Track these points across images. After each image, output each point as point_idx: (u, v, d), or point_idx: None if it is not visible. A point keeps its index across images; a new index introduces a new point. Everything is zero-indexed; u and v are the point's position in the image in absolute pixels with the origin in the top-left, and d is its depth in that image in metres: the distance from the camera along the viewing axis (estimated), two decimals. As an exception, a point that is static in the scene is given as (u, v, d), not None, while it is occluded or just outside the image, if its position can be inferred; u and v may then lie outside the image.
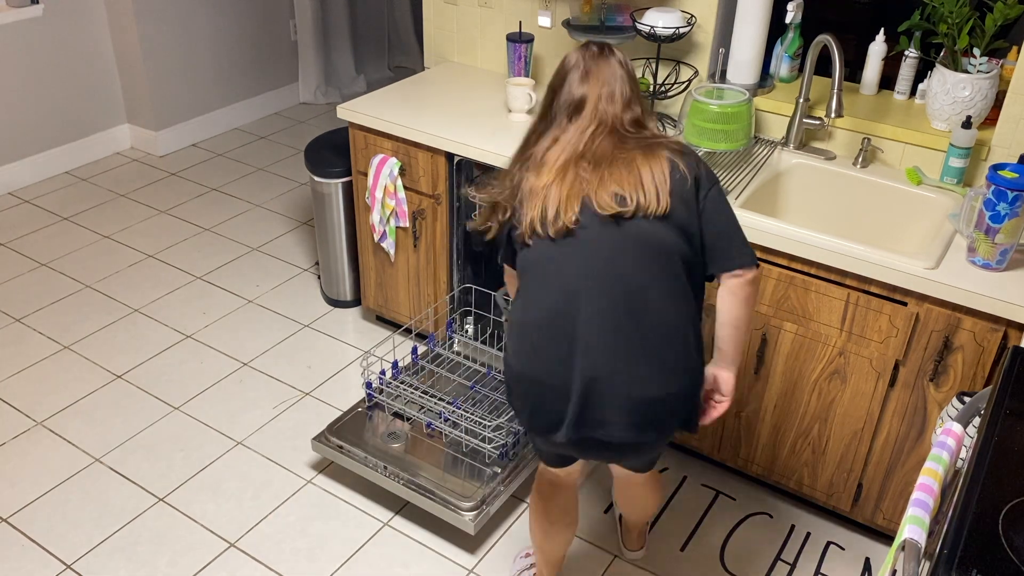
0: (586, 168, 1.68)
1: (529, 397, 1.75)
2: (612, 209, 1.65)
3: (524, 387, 1.75)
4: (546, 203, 1.69)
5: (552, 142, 1.73)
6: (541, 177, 1.70)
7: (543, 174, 1.70)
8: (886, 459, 2.29)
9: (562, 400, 1.70)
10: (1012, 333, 1.98)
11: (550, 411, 1.72)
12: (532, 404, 1.75)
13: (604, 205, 1.66)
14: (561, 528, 2.11)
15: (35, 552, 2.41)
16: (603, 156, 1.68)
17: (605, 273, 1.67)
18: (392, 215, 2.87)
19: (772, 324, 2.30)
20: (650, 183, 1.66)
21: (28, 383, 3.01)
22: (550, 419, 1.72)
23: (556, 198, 1.68)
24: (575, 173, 1.68)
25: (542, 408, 1.73)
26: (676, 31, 2.54)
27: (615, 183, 1.66)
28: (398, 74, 5.67)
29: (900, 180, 2.44)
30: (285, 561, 2.40)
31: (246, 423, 2.86)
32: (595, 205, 1.66)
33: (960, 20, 2.28)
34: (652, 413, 1.69)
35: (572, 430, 1.70)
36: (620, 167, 1.67)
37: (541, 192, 1.69)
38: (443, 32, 3.21)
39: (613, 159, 1.68)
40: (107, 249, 3.78)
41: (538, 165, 1.72)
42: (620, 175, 1.66)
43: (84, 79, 4.38)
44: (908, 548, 1.32)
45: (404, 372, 2.81)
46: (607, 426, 1.69)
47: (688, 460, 2.75)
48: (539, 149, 1.74)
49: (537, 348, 1.71)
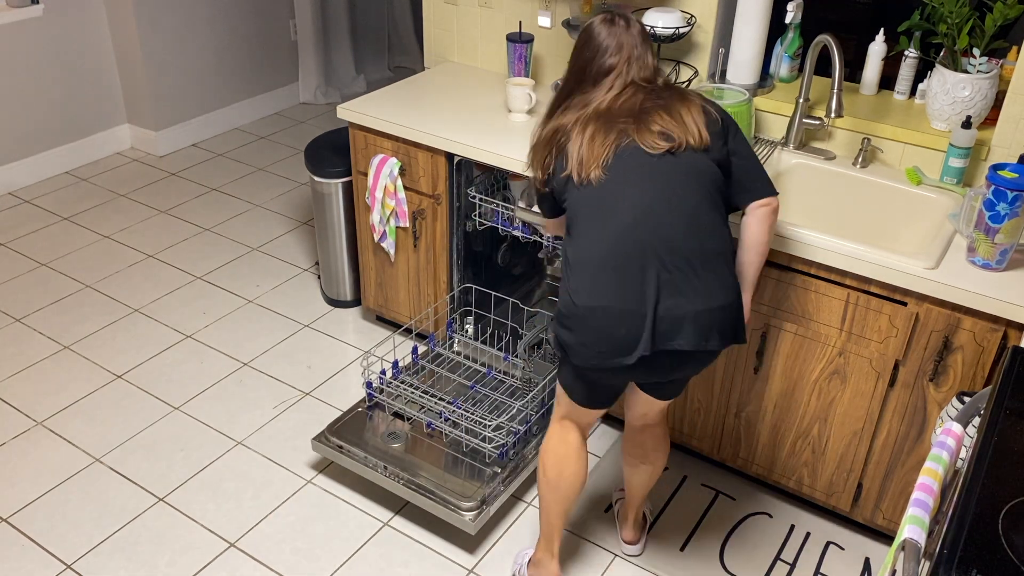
0: (625, 118, 1.85)
1: (601, 327, 1.83)
2: (661, 147, 1.82)
3: (596, 319, 1.83)
4: (587, 149, 1.84)
5: (583, 106, 1.89)
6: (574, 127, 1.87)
7: (579, 124, 1.87)
8: (886, 459, 2.29)
9: (638, 321, 1.80)
10: (1012, 333, 1.98)
11: (624, 336, 1.81)
12: (604, 334, 1.83)
13: (651, 145, 1.83)
14: (575, 469, 2.15)
15: (35, 552, 2.41)
16: (638, 106, 1.86)
17: (664, 199, 1.82)
18: (392, 215, 2.87)
19: (772, 324, 2.30)
20: (691, 123, 1.85)
21: (28, 383, 3.01)
22: (623, 343, 1.82)
23: (598, 143, 1.84)
24: (612, 122, 1.85)
25: (615, 335, 1.82)
26: (676, 31, 2.54)
27: (658, 124, 1.84)
28: (398, 74, 5.67)
29: (900, 180, 2.44)
30: (285, 561, 2.40)
31: (246, 423, 2.86)
32: (641, 145, 1.83)
33: (960, 20, 2.28)
34: (716, 321, 1.84)
35: (649, 345, 1.81)
36: (659, 112, 1.85)
37: (580, 140, 1.85)
38: (443, 32, 3.21)
39: (651, 107, 1.86)
40: (107, 249, 3.78)
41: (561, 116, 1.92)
42: (662, 118, 1.85)
43: (84, 79, 4.39)
44: (908, 548, 1.32)
45: (404, 372, 2.81)
46: (680, 336, 1.82)
47: (688, 460, 2.75)
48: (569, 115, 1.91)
49: (607, 279, 1.82)
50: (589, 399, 2.06)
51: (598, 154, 1.83)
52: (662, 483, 2.66)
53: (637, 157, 1.83)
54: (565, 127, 1.88)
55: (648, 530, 2.50)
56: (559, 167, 1.89)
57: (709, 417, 2.55)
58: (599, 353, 1.85)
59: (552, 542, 2.24)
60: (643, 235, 1.80)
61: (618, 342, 1.82)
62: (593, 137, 1.84)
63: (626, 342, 1.81)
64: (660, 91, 1.90)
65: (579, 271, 1.86)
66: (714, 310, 1.82)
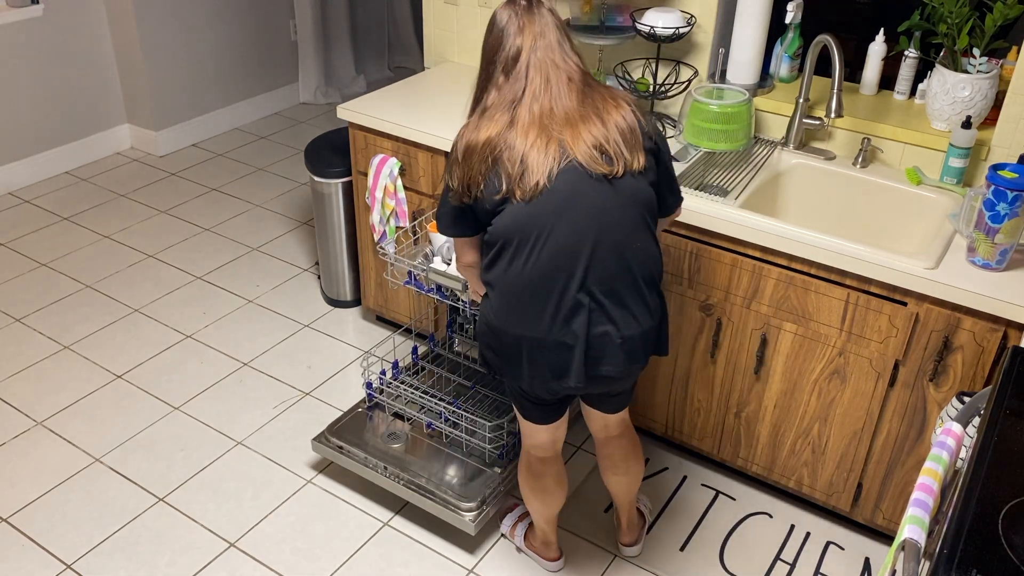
0: (558, 125, 1.73)
1: (532, 355, 1.83)
2: (600, 168, 1.73)
3: (526, 347, 1.83)
4: (525, 164, 1.71)
5: (509, 107, 1.75)
6: (508, 136, 1.73)
7: (513, 133, 1.72)
8: (886, 459, 2.29)
9: (566, 351, 1.81)
10: (1012, 333, 1.98)
11: (554, 362, 1.83)
12: (532, 359, 1.84)
13: (589, 162, 1.72)
14: (558, 493, 2.22)
15: (35, 552, 2.41)
16: (571, 111, 1.74)
17: (598, 228, 1.75)
18: (392, 215, 2.87)
19: (772, 324, 2.30)
20: (627, 138, 1.75)
21: (28, 383, 3.01)
22: (554, 370, 1.84)
23: (534, 159, 1.71)
24: (547, 131, 1.72)
25: (544, 361, 1.83)
26: (676, 31, 2.54)
27: (591, 135, 1.72)
28: (398, 74, 5.67)
29: (900, 180, 2.44)
30: (285, 561, 2.40)
31: (246, 423, 2.86)
32: (580, 164, 1.72)
33: (960, 20, 2.28)
34: (642, 343, 1.87)
35: (581, 375, 1.83)
36: (593, 121, 1.74)
37: (517, 154, 1.72)
38: (443, 32, 3.21)
39: (585, 114, 1.74)
40: (107, 249, 3.78)
41: (482, 120, 1.77)
42: (595, 129, 1.73)
43: (84, 79, 4.39)
44: (908, 548, 1.33)
45: (404, 372, 2.81)
46: (606, 363, 1.84)
47: (688, 460, 2.75)
48: (479, 109, 1.80)
49: (535, 308, 1.79)
50: (542, 415, 2.05)
51: (542, 168, 1.71)
52: (662, 483, 2.67)
53: (575, 179, 1.72)
54: (499, 137, 1.73)
55: (648, 529, 2.50)
56: (493, 181, 1.74)
57: (709, 417, 2.55)
58: (530, 376, 1.87)
59: (548, 536, 2.34)
60: (575, 266, 1.76)
61: (549, 368, 1.84)
62: (535, 147, 1.71)
63: (558, 368, 1.83)
64: (589, 92, 1.77)
65: (505, 296, 1.82)
66: (645, 332, 1.86)
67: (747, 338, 2.36)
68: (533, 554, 2.40)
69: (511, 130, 1.73)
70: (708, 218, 2.25)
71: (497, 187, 1.74)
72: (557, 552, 2.37)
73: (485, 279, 1.87)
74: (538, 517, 2.28)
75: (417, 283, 2.48)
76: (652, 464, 2.73)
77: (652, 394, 2.62)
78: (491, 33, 1.80)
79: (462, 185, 1.79)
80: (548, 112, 1.73)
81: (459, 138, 1.81)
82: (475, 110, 1.83)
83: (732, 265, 2.28)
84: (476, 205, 1.80)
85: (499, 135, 1.73)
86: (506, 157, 1.72)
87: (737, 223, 2.21)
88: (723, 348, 2.41)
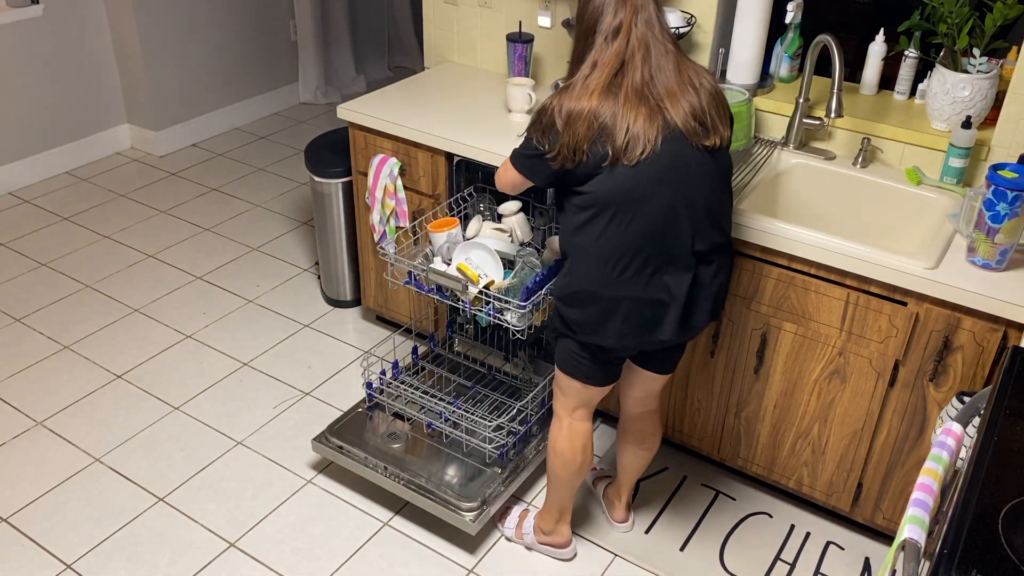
0: (659, 94, 1.82)
1: (626, 312, 1.92)
2: (699, 139, 1.84)
3: (622, 305, 1.92)
4: (632, 132, 1.79)
5: (591, 67, 1.83)
6: (614, 106, 1.80)
7: (617, 103, 1.80)
8: (886, 459, 2.29)
9: (661, 307, 1.92)
10: (1012, 333, 1.98)
11: (648, 318, 1.93)
12: (627, 317, 1.93)
13: (689, 132, 1.83)
14: (590, 459, 2.27)
15: (35, 552, 2.41)
16: (670, 82, 1.83)
17: (697, 193, 1.86)
18: (392, 215, 2.87)
19: (772, 324, 2.30)
20: (718, 108, 1.87)
21: (28, 383, 3.01)
22: (646, 324, 1.94)
23: (640, 127, 1.80)
24: (649, 101, 1.81)
25: (638, 317, 1.93)
26: (676, 31, 2.54)
27: (690, 106, 1.83)
28: (398, 74, 5.67)
29: (900, 180, 2.44)
30: (285, 561, 2.40)
31: (246, 423, 2.86)
32: (682, 133, 1.83)
33: (960, 20, 2.28)
34: (718, 301, 2.02)
35: (675, 328, 1.94)
36: (689, 91, 1.84)
37: (624, 123, 1.80)
38: (443, 32, 3.21)
39: (680, 84, 1.83)
40: (107, 249, 3.78)
41: (583, 90, 1.82)
42: (692, 99, 1.84)
43: (84, 79, 4.39)
44: (908, 548, 1.33)
45: (404, 372, 2.81)
46: (696, 316, 1.98)
47: (688, 460, 2.75)
48: (579, 77, 1.85)
49: (633, 267, 1.88)
50: (605, 376, 2.12)
51: (648, 135, 1.81)
52: (662, 483, 2.67)
53: (677, 147, 1.83)
54: (605, 105, 1.80)
55: (632, 500, 2.57)
56: (598, 148, 1.82)
57: (709, 417, 2.55)
58: (622, 335, 1.95)
59: (566, 513, 2.37)
60: (678, 228, 1.87)
61: (643, 324, 1.94)
62: (640, 116, 1.80)
63: (651, 323, 1.94)
64: (683, 62, 1.87)
65: (603, 258, 1.90)
66: (719, 289, 2.00)
67: (747, 338, 2.36)
68: (547, 547, 2.41)
69: (616, 100, 1.80)
70: (708, 218, 2.25)
71: (603, 153, 1.82)
72: (570, 533, 2.40)
73: (575, 242, 1.93)
74: (566, 491, 2.31)
75: (417, 283, 2.48)
76: (652, 464, 2.73)
77: (652, 394, 2.62)
78: (590, 2, 1.86)
79: (567, 150, 1.84)
80: (650, 82, 1.82)
81: (557, 104, 1.85)
82: (573, 76, 1.88)
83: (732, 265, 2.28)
84: (575, 168, 1.86)
85: (604, 104, 1.80)
86: (613, 125, 1.80)
87: (737, 223, 2.21)
88: (723, 348, 2.41)
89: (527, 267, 2.37)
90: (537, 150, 1.91)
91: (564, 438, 2.22)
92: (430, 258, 2.46)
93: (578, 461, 2.23)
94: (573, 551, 2.42)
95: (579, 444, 2.22)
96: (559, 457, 2.24)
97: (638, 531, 2.51)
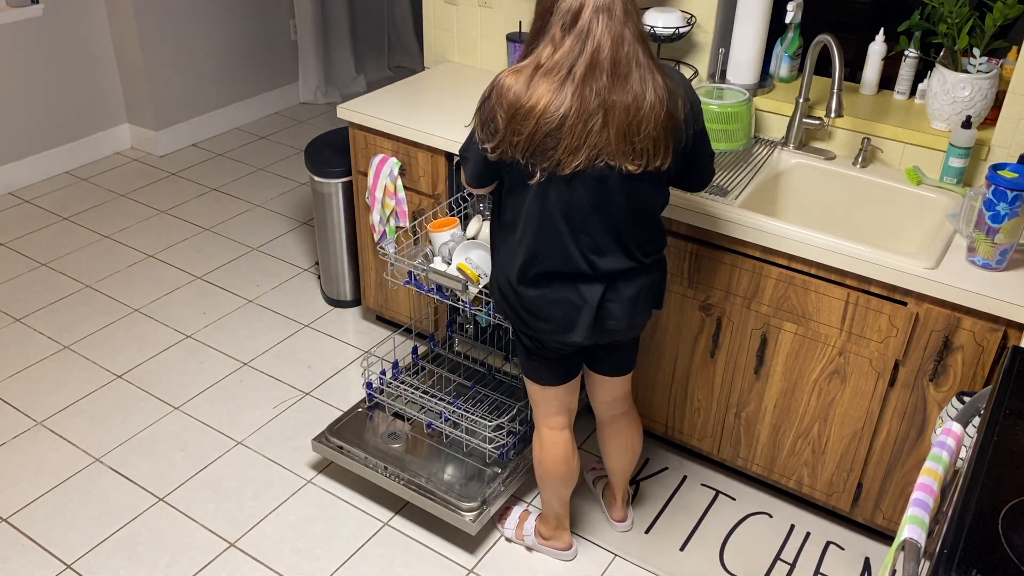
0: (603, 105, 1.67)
1: (548, 311, 1.93)
2: (629, 165, 1.74)
3: (543, 305, 1.92)
4: (560, 144, 1.69)
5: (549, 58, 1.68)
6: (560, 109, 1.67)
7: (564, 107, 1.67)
8: (886, 459, 2.29)
9: (576, 310, 1.91)
10: (1012, 333, 1.98)
11: (566, 319, 1.92)
12: (548, 317, 1.93)
13: (619, 157, 1.73)
14: (576, 469, 2.26)
15: (35, 552, 2.41)
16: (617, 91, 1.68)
17: (610, 210, 1.81)
18: (392, 215, 2.87)
19: (772, 324, 2.30)
20: (661, 132, 1.72)
21: (28, 383, 3.01)
22: (565, 325, 1.93)
23: (567, 143, 1.69)
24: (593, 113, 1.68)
25: (558, 318, 1.93)
26: (676, 31, 2.54)
27: (630, 137, 1.70)
28: (398, 74, 5.67)
29: (900, 180, 2.44)
30: (285, 561, 2.40)
31: (246, 423, 2.86)
32: (614, 162, 1.73)
33: (960, 20, 2.28)
34: (642, 302, 1.97)
35: (587, 331, 1.92)
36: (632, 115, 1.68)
37: (564, 138, 1.69)
38: (443, 32, 3.21)
39: (624, 103, 1.68)
40: (107, 249, 3.78)
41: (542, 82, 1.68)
42: (633, 118, 1.69)
43: (84, 79, 4.38)
44: (908, 548, 1.33)
45: (404, 372, 2.81)
46: (612, 320, 1.94)
47: (688, 460, 2.75)
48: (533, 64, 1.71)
49: (548, 276, 1.88)
50: (556, 375, 2.11)
51: (574, 163, 1.72)
52: (662, 483, 2.67)
53: (602, 177, 1.75)
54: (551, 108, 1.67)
55: (631, 499, 2.57)
56: (531, 159, 1.74)
57: (709, 417, 2.55)
58: (549, 329, 1.95)
59: (563, 520, 2.36)
60: (580, 236, 1.83)
61: (561, 323, 1.93)
62: (579, 131, 1.69)
63: (568, 324, 1.93)
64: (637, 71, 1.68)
65: (513, 256, 1.89)
66: (641, 291, 1.97)
67: (747, 338, 2.36)
68: (548, 548, 2.41)
69: (563, 101, 1.67)
70: (708, 218, 2.25)
71: (531, 169, 1.75)
72: (570, 538, 2.40)
73: (494, 227, 1.98)
74: (555, 501, 2.31)
75: (417, 283, 2.48)
76: (652, 464, 2.73)
77: (652, 394, 2.62)
78: None
79: (497, 137, 1.74)
80: (599, 89, 1.67)
81: (506, 85, 1.72)
82: (527, 55, 1.74)
83: (732, 265, 2.28)
84: (501, 162, 1.80)
85: (552, 106, 1.67)
86: (553, 136, 1.69)
87: (737, 223, 2.21)
88: (723, 348, 2.41)
89: None
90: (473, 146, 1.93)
91: (542, 448, 2.22)
92: (430, 258, 2.46)
93: (560, 471, 2.22)
94: (575, 553, 2.42)
95: (558, 454, 2.20)
96: (540, 467, 2.25)
97: (638, 531, 2.51)
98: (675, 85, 1.75)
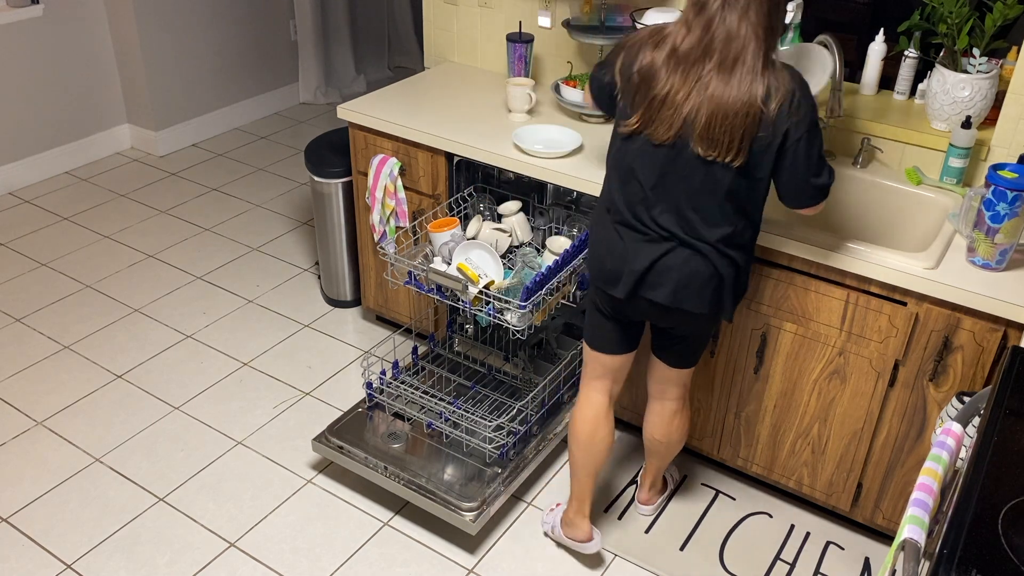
0: (701, 91, 1.80)
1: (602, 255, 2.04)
2: (705, 152, 1.83)
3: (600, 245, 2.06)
4: (661, 115, 1.84)
5: (684, 34, 1.82)
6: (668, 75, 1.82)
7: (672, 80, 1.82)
8: (886, 459, 2.29)
9: (623, 263, 1.99)
10: (1012, 333, 1.98)
11: (614, 270, 2.01)
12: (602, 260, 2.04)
13: (698, 142, 1.83)
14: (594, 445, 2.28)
15: (35, 552, 2.41)
16: (719, 85, 1.78)
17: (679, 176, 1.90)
18: (392, 215, 2.87)
19: (772, 324, 2.30)
20: (742, 133, 1.80)
21: (28, 383, 3.01)
22: (612, 276, 2.03)
23: (666, 116, 1.83)
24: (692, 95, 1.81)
25: (607, 269, 2.03)
26: (676, 31, 2.53)
27: (712, 128, 1.80)
28: (398, 74, 5.67)
29: (900, 180, 2.44)
30: (285, 561, 2.40)
31: (246, 423, 2.86)
32: (690, 143, 1.83)
33: (960, 20, 2.28)
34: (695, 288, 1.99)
35: (628, 289, 1.99)
36: (722, 110, 1.78)
37: (657, 99, 1.84)
38: (443, 32, 3.21)
39: (719, 97, 1.78)
40: (107, 249, 3.78)
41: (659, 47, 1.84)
42: (721, 111, 1.79)
43: (84, 79, 4.39)
44: (908, 548, 1.33)
45: (404, 372, 2.81)
46: (655, 291, 1.98)
47: (688, 460, 2.75)
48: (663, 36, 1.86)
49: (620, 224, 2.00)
50: (605, 340, 2.18)
51: (664, 136, 1.86)
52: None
53: (676, 152, 1.88)
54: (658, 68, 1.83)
55: (670, 496, 2.59)
56: (631, 101, 1.90)
57: (709, 417, 2.55)
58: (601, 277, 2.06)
59: (584, 503, 2.34)
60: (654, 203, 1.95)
61: (611, 275, 2.03)
62: (676, 101, 1.82)
63: (614, 278, 2.02)
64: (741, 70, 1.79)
65: (602, 196, 2.04)
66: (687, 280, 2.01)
67: (747, 338, 2.36)
68: (568, 541, 2.38)
69: (681, 85, 1.81)
70: (708, 218, 2.25)
71: (628, 114, 1.91)
72: (589, 528, 2.35)
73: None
74: (576, 468, 2.31)
75: (417, 283, 2.48)
76: (652, 464, 2.73)
77: (652, 394, 2.62)
78: None
79: (619, 74, 1.92)
80: (702, 75, 1.80)
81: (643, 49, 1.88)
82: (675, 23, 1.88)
83: (732, 265, 2.28)
84: (617, 92, 1.95)
85: (661, 68, 1.83)
86: (654, 91, 1.84)
87: (737, 223, 2.21)
88: (723, 348, 2.41)
89: (527, 267, 2.38)
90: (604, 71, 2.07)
91: (577, 406, 2.28)
92: (430, 258, 2.47)
93: (583, 432, 2.25)
94: (596, 546, 2.36)
95: (586, 414, 2.25)
96: (570, 427, 2.30)
97: (638, 531, 2.51)
98: (778, 90, 1.79)
